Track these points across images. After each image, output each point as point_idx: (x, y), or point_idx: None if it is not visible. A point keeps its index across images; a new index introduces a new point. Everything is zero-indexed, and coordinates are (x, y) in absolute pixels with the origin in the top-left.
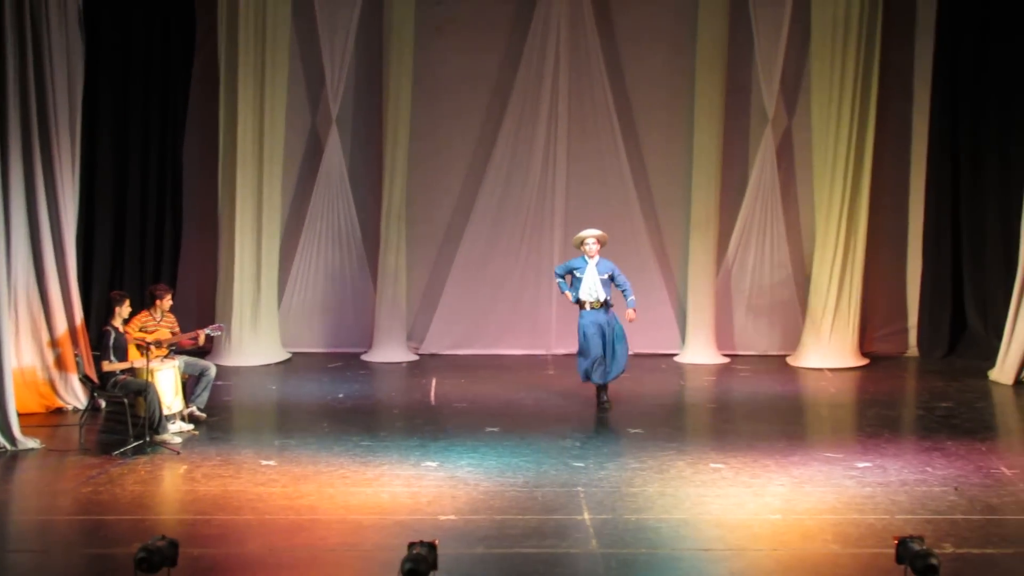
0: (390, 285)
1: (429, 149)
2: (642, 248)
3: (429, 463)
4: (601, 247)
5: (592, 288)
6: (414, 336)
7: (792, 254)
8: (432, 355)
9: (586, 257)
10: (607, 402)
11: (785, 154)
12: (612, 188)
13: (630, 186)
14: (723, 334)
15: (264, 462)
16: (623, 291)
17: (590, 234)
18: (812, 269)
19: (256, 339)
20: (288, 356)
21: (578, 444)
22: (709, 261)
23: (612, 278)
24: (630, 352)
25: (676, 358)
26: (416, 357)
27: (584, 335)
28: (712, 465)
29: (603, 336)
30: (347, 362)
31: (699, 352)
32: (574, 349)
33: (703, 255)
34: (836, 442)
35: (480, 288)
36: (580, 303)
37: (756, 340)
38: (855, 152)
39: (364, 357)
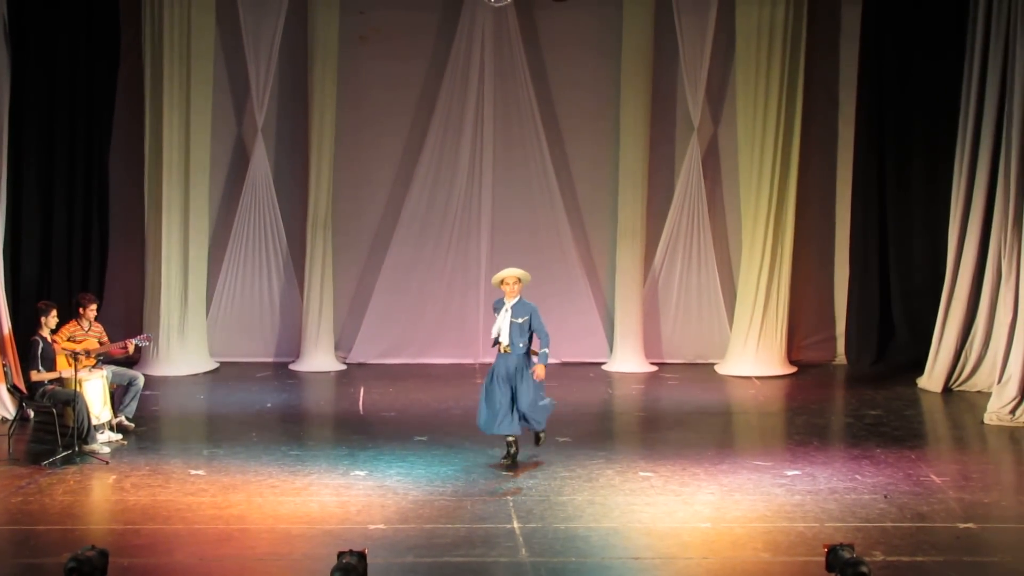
0: (317, 294)
1: (355, 157)
2: (569, 256)
3: (358, 472)
4: (522, 286)
5: (503, 331)
6: (342, 345)
7: (719, 262)
8: (360, 364)
9: (504, 298)
10: (510, 455)
11: (711, 162)
12: (538, 196)
13: (556, 194)
14: (651, 342)
15: (193, 472)
16: (540, 338)
17: (506, 274)
18: (739, 277)
19: (184, 349)
20: (216, 366)
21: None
22: (636, 269)
23: (529, 323)
24: (545, 395)
25: (604, 367)
26: (344, 366)
27: (489, 381)
28: (641, 474)
29: (511, 387)
30: (275, 371)
31: (627, 360)
32: None
33: (630, 263)
34: (765, 450)
35: (407, 296)
36: (497, 346)
37: (684, 348)
38: (781, 160)
39: (292, 366)
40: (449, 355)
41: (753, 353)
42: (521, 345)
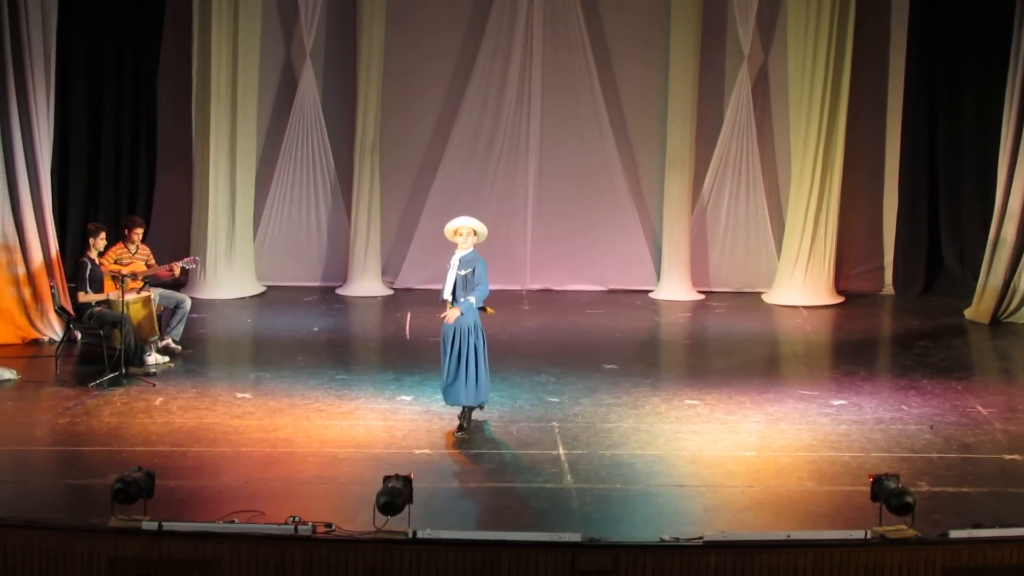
0: (364, 218)
1: (403, 81)
2: (617, 183)
3: (404, 397)
4: (476, 240)
5: (449, 284)
6: (389, 270)
7: (768, 191)
8: (407, 289)
9: (456, 249)
10: (463, 428)
11: (761, 91)
12: (586, 121)
13: (604, 120)
14: (698, 271)
15: (240, 395)
16: (474, 289)
17: (460, 225)
18: (788, 206)
19: (231, 272)
20: (263, 289)
21: (553, 379)
22: (684, 197)
23: (471, 275)
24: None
25: (651, 295)
26: (391, 291)
27: (442, 338)
28: (687, 402)
29: (452, 345)
30: (322, 296)
31: (674, 289)
32: (547, 285)
33: (678, 191)
34: (811, 380)
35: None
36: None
37: (731, 277)
38: (831, 89)
39: (339, 291)
40: (496, 281)
41: (800, 282)
42: (462, 300)
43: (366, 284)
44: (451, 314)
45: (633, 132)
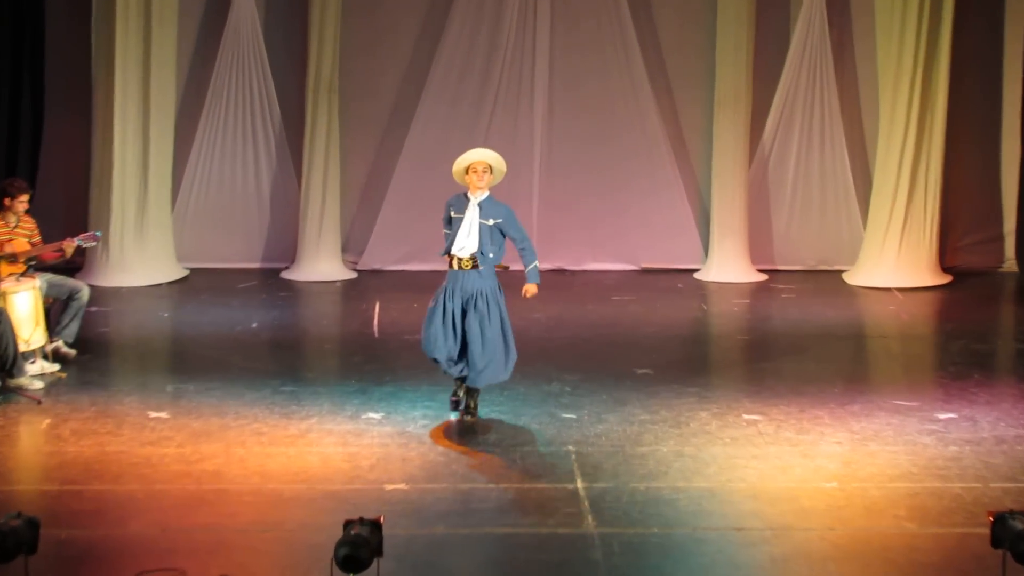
0: (319, 180)
1: (369, 5)
2: (650, 131)
3: (372, 414)
4: (492, 179)
5: (466, 237)
6: (351, 247)
7: (849, 139)
8: (375, 272)
9: (468, 193)
10: (469, 408)
11: (839, 5)
12: (610, 50)
13: (633, 48)
14: (759, 243)
15: (153, 414)
16: (521, 252)
17: (475, 159)
18: (876, 158)
19: (143, 251)
20: (185, 273)
21: (568, 389)
22: (739, 148)
23: (502, 230)
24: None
25: (697, 275)
26: (354, 274)
27: (434, 303)
28: (745, 417)
29: (463, 314)
30: (264, 281)
31: (727, 267)
32: (560, 263)
33: (731, 140)
34: (910, 386)
35: (436, 185)
36: (449, 259)
37: (802, 251)
38: (931, 6)
39: (286, 274)
40: None
41: (894, 258)
42: (491, 255)
43: (321, 266)
44: (531, 289)
45: (671, 61)
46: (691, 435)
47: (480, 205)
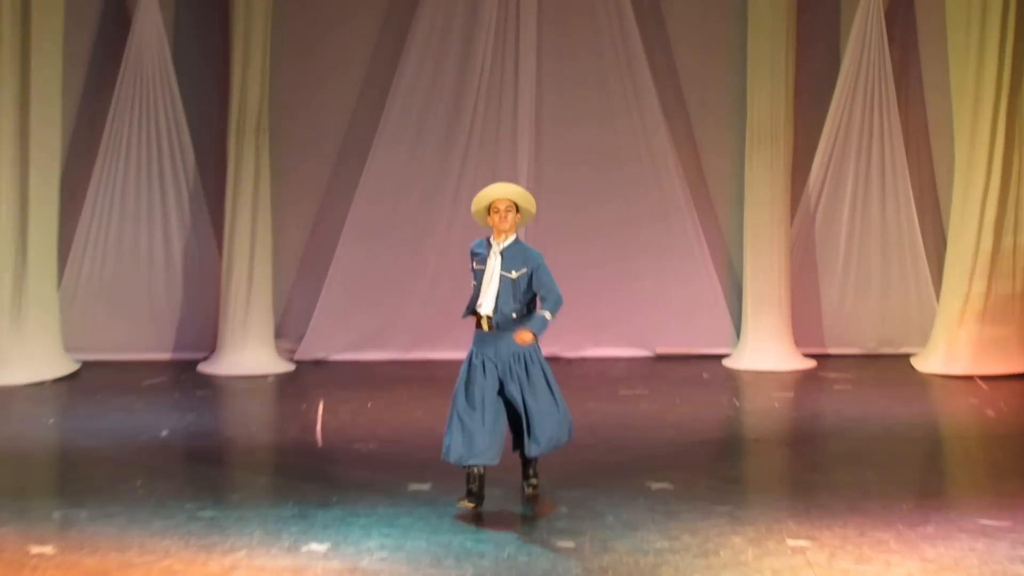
0: (245, 247)
1: (307, 18)
2: (668, 183)
3: (315, 545)
4: (519, 219)
5: (489, 293)
6: (287, 332)
7: (917, 187)
8: (317, 363)
9: (492, 237)
10: (530, 478)
11: (901, 18)
12: (615, 88)
13: (646, 82)
14: (805, 321)
15: (36, 549)
16: (543, 301)
17: (496, 195)
18: (951, 212)
19: (20, 339)
20: (76, 367)
21: (565, 510)
22: (778, 200)
23: (530, 281)
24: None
25: (727, 362)
26: (291, 366)
27: (464, 373)
28: (790, 543)
29: (499, 382)
30: (176, 376)
31: (765, 352)
32: (555, 350)
33: (768, 190)
34: (998, 501)
35: (393, 251)
36: (476, 317)
37: (860, 331)
38: (1016, 20)
39: (204, 367)
40: (460, 347)
41: (976, 338)
42: (514, 316)
43: (249, 355)
44: (523, 336)
45: (690, 85)
46: (721, 567)
47: (502, 253)
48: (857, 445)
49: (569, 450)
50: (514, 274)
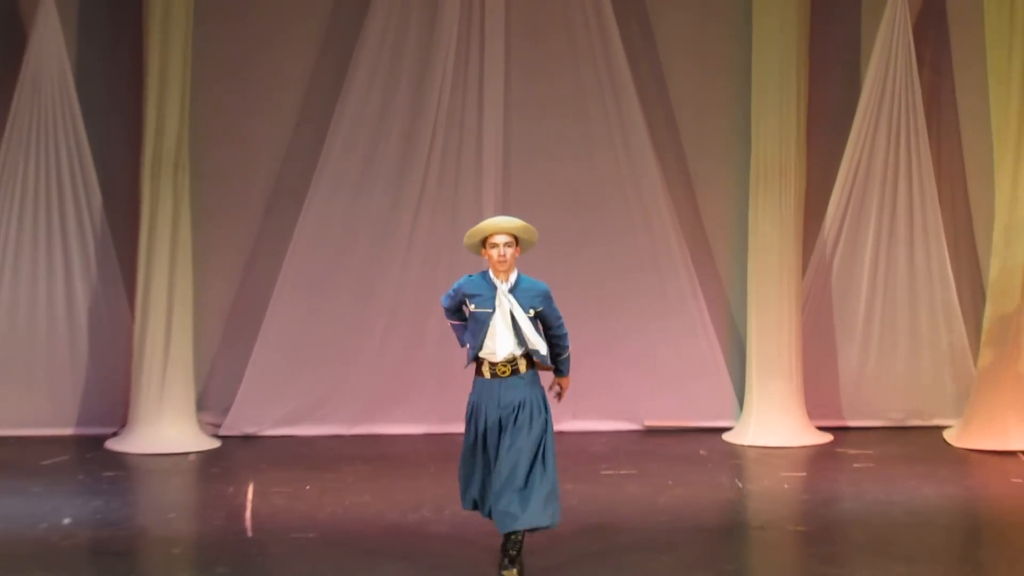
0: (161, 305)
1: (233, 44)
2: (658, 226)
3: None
4: (519, 252)
5: (501, 335)
6: (210, 403)
7: (952, 232)
8: (246, 438)
9: (490, 272)
10: (510, 559)
11: (930, 38)
12: (596, 113)
13: (634, 109)
14: (819, 389)
15: None
16: (555, 340)
17: (493, 228)
18: (992, 262)
19: None
20: None
21: None
22: (788, 247)
23: (540, 316)
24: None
25: (728, 436)
26: (216, 442)
27: (469, 423)
28: None
29: (499, 431)
30: (80, 455)
31: (772, 425)
32: None
33: (776, 235)
34: None
35: (335, 309)
36: (477, 364)
37: (884, 400)
38: None
39: (113, 444)
40: (414, 420)
41: (1020, 406)
42: (545, 353)
43: (166, 431)
44: (564, 385)
45: (684, 112)
46: None
47: (516, 292)
48: (881, 533)
49: (542, 539)
50: (532, 313)
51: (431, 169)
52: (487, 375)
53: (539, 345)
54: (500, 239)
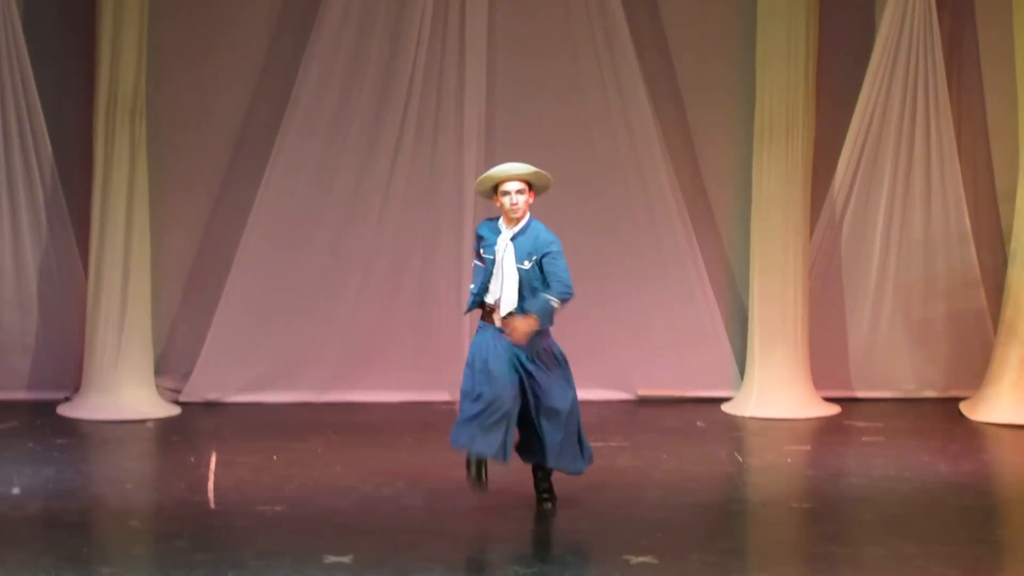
0: (117, 262)
1: None
2: (655, 183)
3: None
4: (532, 198)
5: (503, 282)
6: (170, 367)
7: (972, 194)
8: (208, 405)
9: (501, 221)
10: (546, 494)
11: None
12: (587, 62)
13: (628, 54)
14: (826, 358)
15: None
16: (548, 289)
17: (512, 174)
18: (1014, 226)
19: None
20: None
21: None
22: (794, 207)
23: (541, 268)
24: (582, 397)
25: (727, 407)
26: (176, 409)
27: (470, 362)
28: None
29: (518, 375)
30: (30, 421)
31: (775, 395)
32: None
33: (782, 194)
34: None
35: (306, 267)
36: (483, 308)
37: (896, 370)
38: None
39: (65, 410)
40: (391, 386)
41: None
42: (544, 301)
43: (122, 396)
44: (521, 326)
45: (683, 62)
46: None
47: (513, 241)
48: (891, 511)
49: (528, 515)
50: (527, 264)
51: (409, 113)
52: (491, 319)
53: (519, 301)
54: (512, 186)
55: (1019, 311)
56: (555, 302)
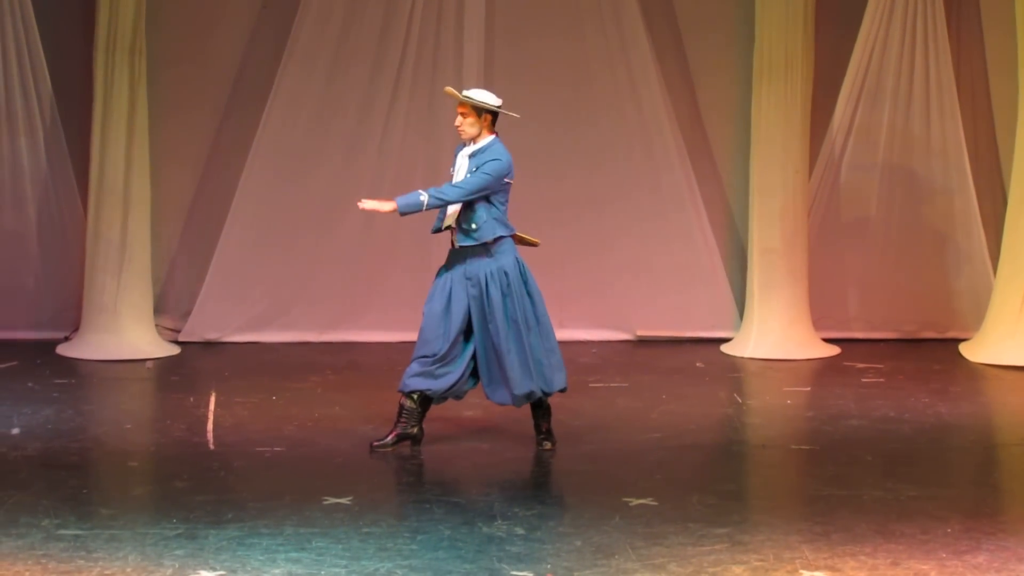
0: (116, 200)
1: None
2: (653, 120)
3: (205, 573)
4: (480, 121)
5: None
6: (169, 307)
7: (971, 132)
8: (207, 345)
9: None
10: (546, 435)
11: None
12: (590, 8)
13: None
14: (826, 298)
15: None
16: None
17: (453, 95)
18: (1014, 165)
19: None
20: None
21: (521, 531)
22: (794, 146)
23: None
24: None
25: (727, 347)
26: (175, 349)
27: (431, 296)
28: (806, 575)
29: (481, 307)
30: (30, 361)
31: (774, 336)
32: None
33: (780, 133)
34: None
35: (305, 205)
36: (448, 233)
37: (896, 311)
38: None
39: (65, 350)
40: (387, 326)
41: None
42: (474, 227)
43: (121, 336)
44: (370, 204)
45: (682, 2)
46: None
47: (469, 156)
48: (890, 453)
49: (527, 457)
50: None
51: (409, 47)
52: (452, 243)
53: (472, 218)
54: (458, 108)
55: (1014, 256)
56: (424, 196)
